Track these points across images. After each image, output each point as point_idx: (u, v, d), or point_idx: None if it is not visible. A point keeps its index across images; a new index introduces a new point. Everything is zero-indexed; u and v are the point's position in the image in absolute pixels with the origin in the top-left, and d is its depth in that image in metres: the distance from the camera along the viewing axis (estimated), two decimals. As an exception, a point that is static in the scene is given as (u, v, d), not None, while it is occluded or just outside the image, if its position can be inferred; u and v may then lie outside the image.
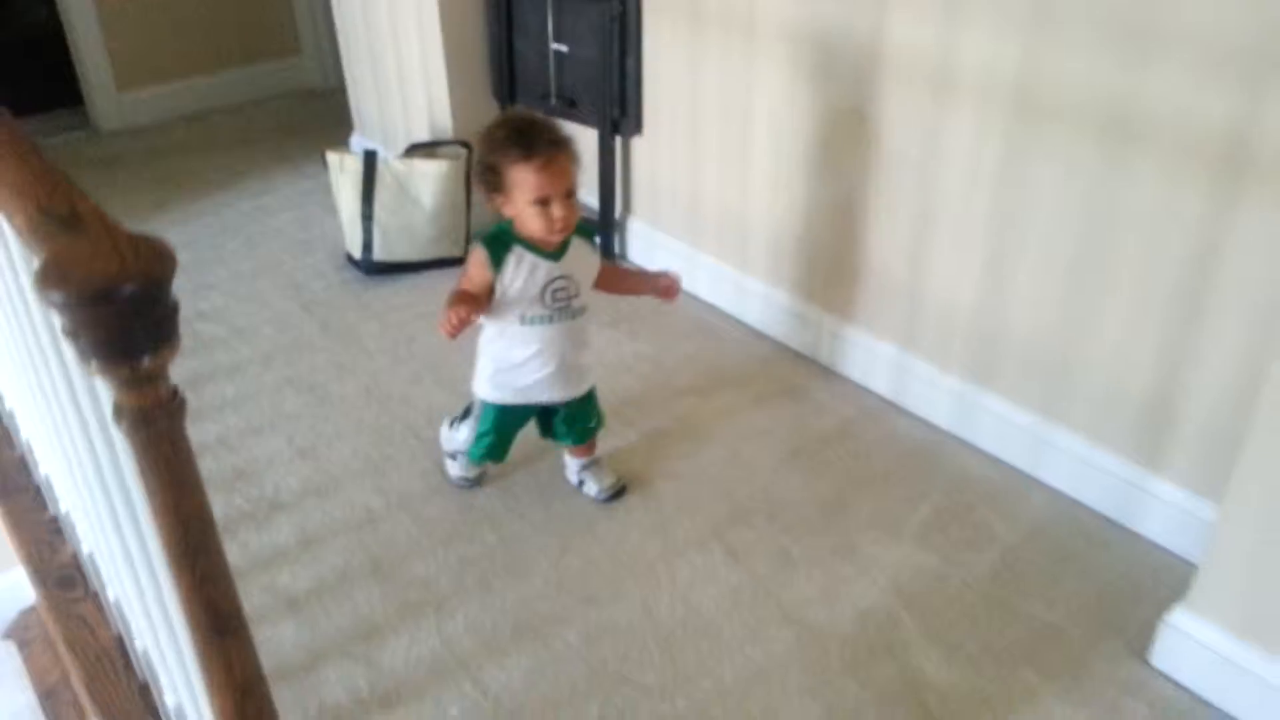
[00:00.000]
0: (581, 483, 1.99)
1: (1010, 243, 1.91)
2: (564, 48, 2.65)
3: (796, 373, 2.36)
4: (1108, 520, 1.90)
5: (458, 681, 1.60)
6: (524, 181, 1.61)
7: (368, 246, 2.73)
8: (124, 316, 0.68)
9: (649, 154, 2.70)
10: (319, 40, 4.08)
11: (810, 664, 1.62)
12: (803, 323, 2.41)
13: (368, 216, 2.70)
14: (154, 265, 0.70)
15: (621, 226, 2.86)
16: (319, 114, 3.84)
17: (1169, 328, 1.72)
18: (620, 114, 2.64)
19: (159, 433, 0.74)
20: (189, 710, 1.16)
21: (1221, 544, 1.52)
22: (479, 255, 1.68)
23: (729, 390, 2.30)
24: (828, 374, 2.35)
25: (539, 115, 1.70)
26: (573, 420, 1.89)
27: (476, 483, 2.00)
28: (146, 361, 0.71)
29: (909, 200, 2.07)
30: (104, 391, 0.86)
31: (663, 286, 1.90)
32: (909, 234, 2.09)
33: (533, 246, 1.68)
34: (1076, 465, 1.93)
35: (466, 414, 1.92)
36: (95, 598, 1.63)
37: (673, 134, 2.59)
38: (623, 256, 2.88)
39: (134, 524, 1.01)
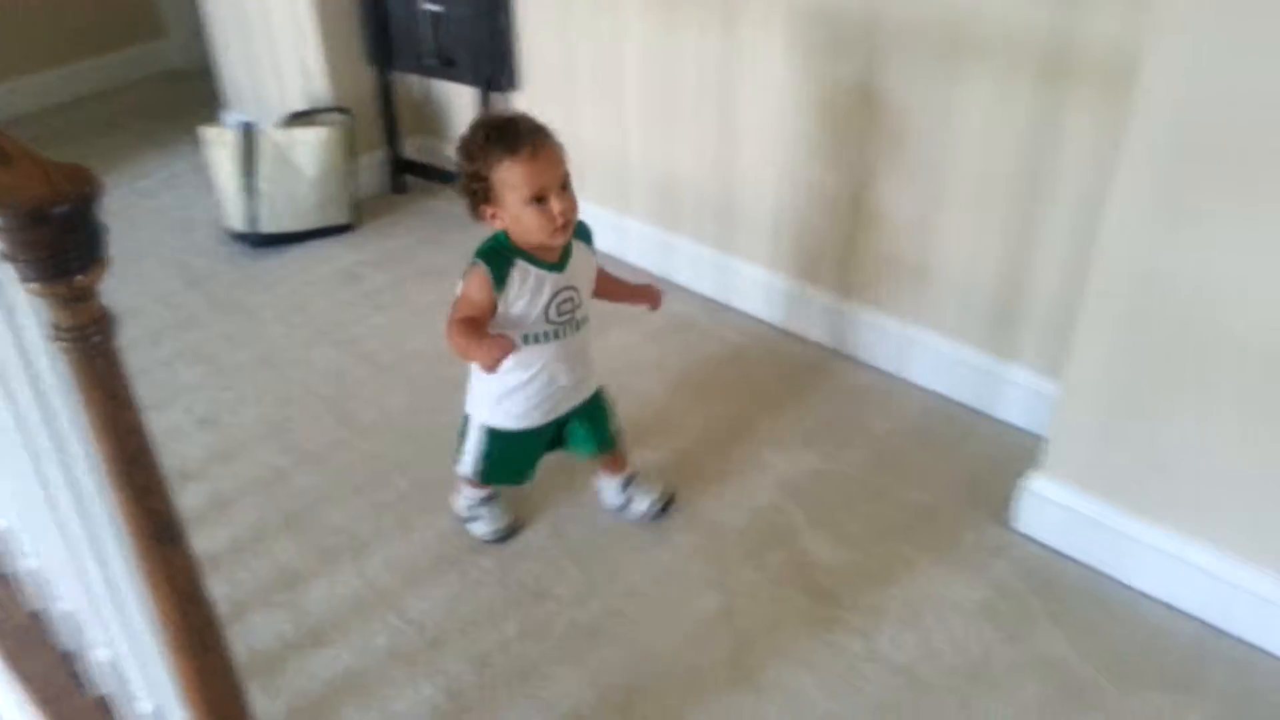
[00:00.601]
0: (628, 502, 1.83)
1: (859, 161, 2.06)
2: (437, 7, 2.68)
3: (689, 307, 2.48)
4: (970, 409, 2.08)
5: (381, 615, 1.68)
6: (515, 179, 1.46)
7: (253, 219, 2.74)
8: (58, 236, 0.76)
9: (528, 107, 2.77)
10: (184, 21, 4.00)
11: (711, 559, 1.76)
12: (692, 261, 2.53)
13: (250, 189, 2.71)
14: (81, 187, 0.77)
15: (504, 181, 2.92)
16: (187, 95, 3.78)
17: (1009, 226, 1.89)
18: (497, 70, 2.70)
19: (95, 347, 0.81)
20: (126, 658, 1.21)
21: (1065, 413, 1.69)
22: (480, 274, 1.51)
23: (619, 328, 2.41)
24: (714, 305, 2.48)
25: (511, 111, 1.57)
26: (590, 422, 1.74)
27: (511, 531, 1.81)
28: (80, 279, 0.78)
29: (787, 125, 2.19)
30: (33, 321, 0.91)
31: (651, 296, 1.77)
32: (783, 158, 2.22)
33: (534, 258, 1.53)
34: (940, 362, 2.10)
35: (462, 438, 1.72)
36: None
37: (550, 86, 2.66)
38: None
39: (63, 467, 1.03)
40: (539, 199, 1.47)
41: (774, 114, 2.17)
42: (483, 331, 1.49)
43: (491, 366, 1.45)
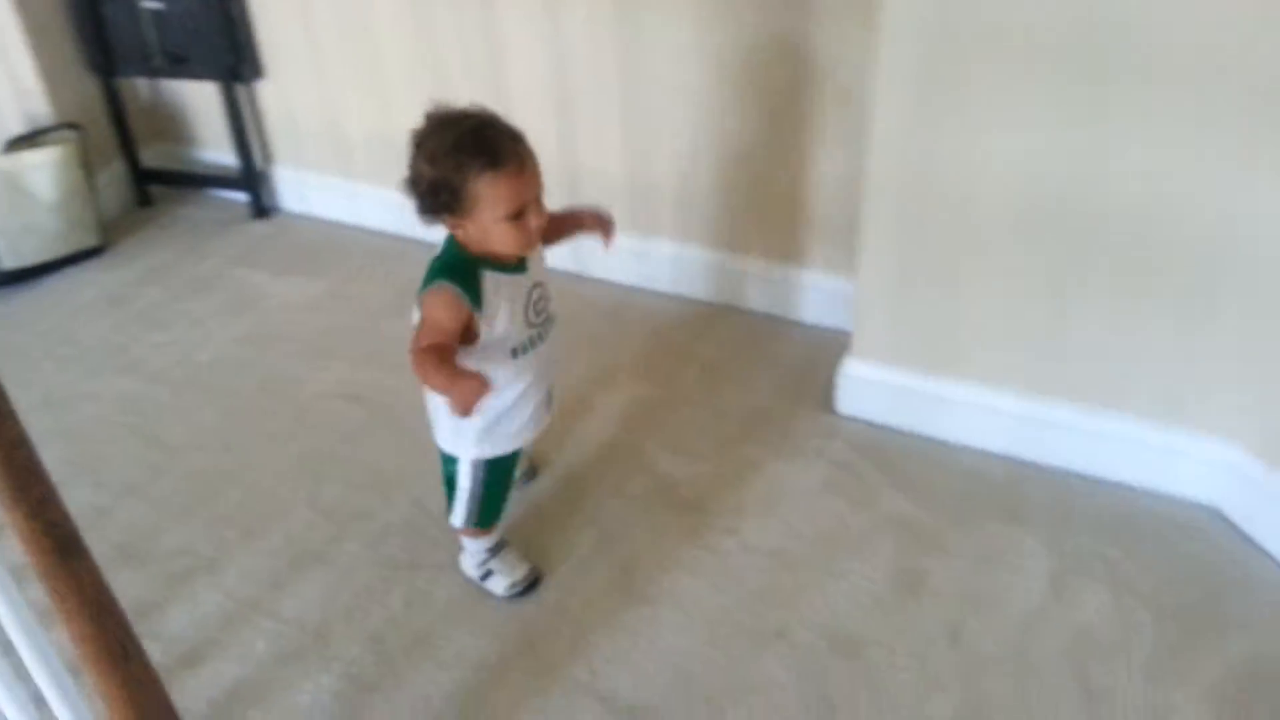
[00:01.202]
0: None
1: (623, 99, 2.15)
2: (157, 4, 2.51)
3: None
4: (777, 318, 2.23)
5: (255, 622, 1.61)
6: (495, 195, 1.31)
7: (-9, 257, 2.48)
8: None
9: (278, 95, 2.66)
10: None
11: (576, 496, 1.81)
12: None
13: (-19, 225, 2.45)
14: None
15: (267, 177, 2.80)
16: None
17: (784, 137, 2.04)
18: (237, 60, 2.57)
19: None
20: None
21: (864, 300, 1.86)
22: (448, 296, 1.34)
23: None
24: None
25: (484, 110, 1.36)
26: None
27: (532, 579, 1.64)
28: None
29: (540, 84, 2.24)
30: None
31: (604, 223, 1.59)
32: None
33: (497, 264, 1.39)
34: (743, 279, 2.24)
35: (451, 485, 1.56)
36: None
37: (299, 68, 2.57)
38: (276, 209, 2.83)
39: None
40: (518, 215, 1.33)
41: (522, 75, 2.22)
42: (453, 362, 1.32)
43: (466, 411, 1.31)
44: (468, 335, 1.37)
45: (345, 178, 2.68)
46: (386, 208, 2.64)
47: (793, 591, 1.61)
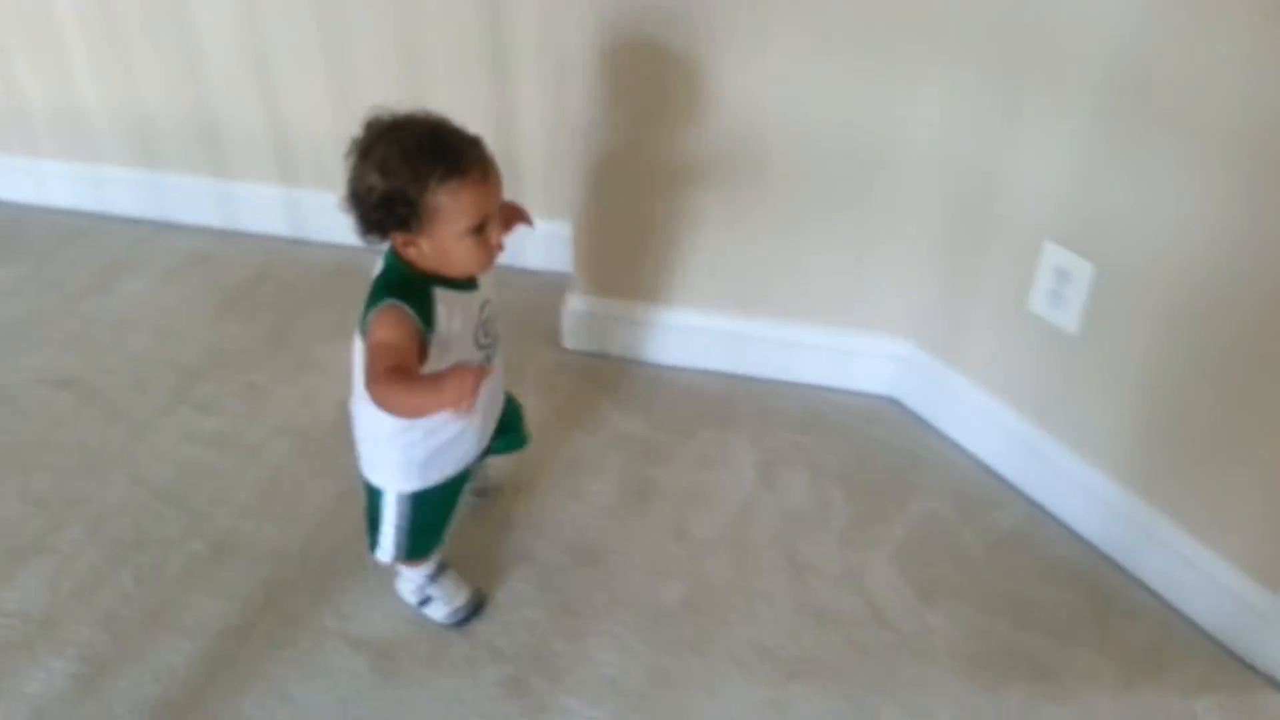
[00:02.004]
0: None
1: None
2: None
3: (195, 239, 2.40)
4: (504, 268, 2.27)
5: (-35, 623, 1.51)
6: (458, 207, 1.17)
7: None
8: None
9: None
10: None
11: (313, 457, 1.80)
12: (187, 194, 2.42)
13: None
14: None
15: (-69, 158, 2.54)
16: None
17: (486, 88, 2.10)
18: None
19: None
20: None
21: (579, 240, 1.97)
22: (399, 315, 1.19)
23: (127, 275, 2.28)
24: (228, 234, 2.42)
25: (432, 114, 1.22)
26: (506, 427, 1.54)
27: (477, 603, 1.52)
28: None
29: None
30: None
31: (523, 214, 1.46)
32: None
33: (449, 282, 1.25)
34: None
35: (375, 519, 1.41)
36: None
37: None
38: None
39: None
40: (480, 229, 1.21)
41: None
42: (420, 376, 1.16)
43: (470, 405, 1.08)
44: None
45: (29, 156, 2.48)
46: (76, 183, 2.47)
47: (538, 515, 1.70)
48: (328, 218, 2.39)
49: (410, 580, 1.50)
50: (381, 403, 1.15)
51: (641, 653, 1.48)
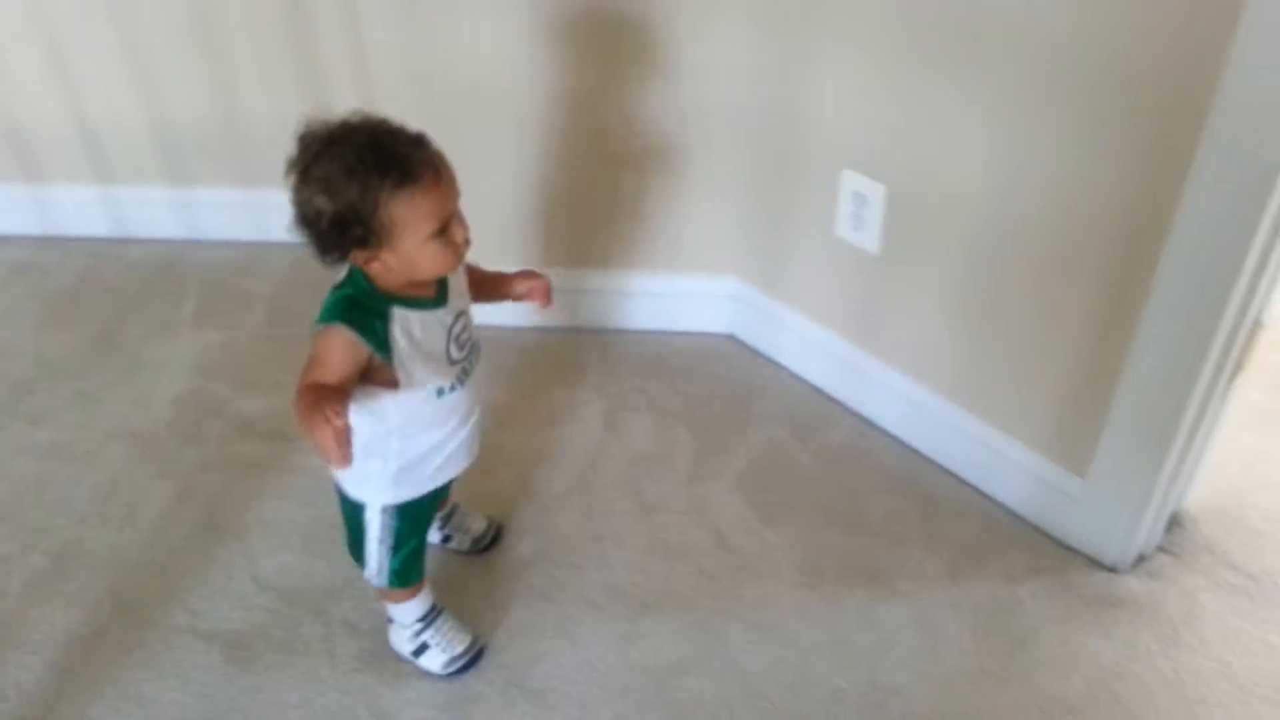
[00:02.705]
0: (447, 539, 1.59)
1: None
2: None
3: (13, 249, 2.30)
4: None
5: None
6: (416, 215, 1.11)
7: None
8: None
9: None
10: None
11: (153, 457, 1.77)
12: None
13: None
14: None
15: None
16: None
17: (279, 67, 2.06)
18: None
19: None
20: None
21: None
22: (343, 340, 1.13)
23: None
24: (48, 240, 2.33)
25: (369, 117, 1.14)
26: None
27: (475, 651, 1.45)
28: None
29: (28, 39, 2.08)
30: None
31: (532, 288, 1.41)
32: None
33: (409, 300, 1.18)
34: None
35: (358, 537, 1.35)
36: None
37: None
38: None
39: None
40: (443, 230, 1.14)
41: (23, 22, 2.06)
42: (323, 405, 1.06)
43: (334, 460, 1.06)
44: (382, 378, 1.17)
45: None
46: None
47: (383, 489, 1.71)
48: (148, 213, 2.35)
49: (403, 627, 1.43)
50: (297, 413, 1.11)
51: (495, 608, 1.51)
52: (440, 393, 1.23)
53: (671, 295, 1.99)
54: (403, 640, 1.44)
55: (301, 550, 1.60)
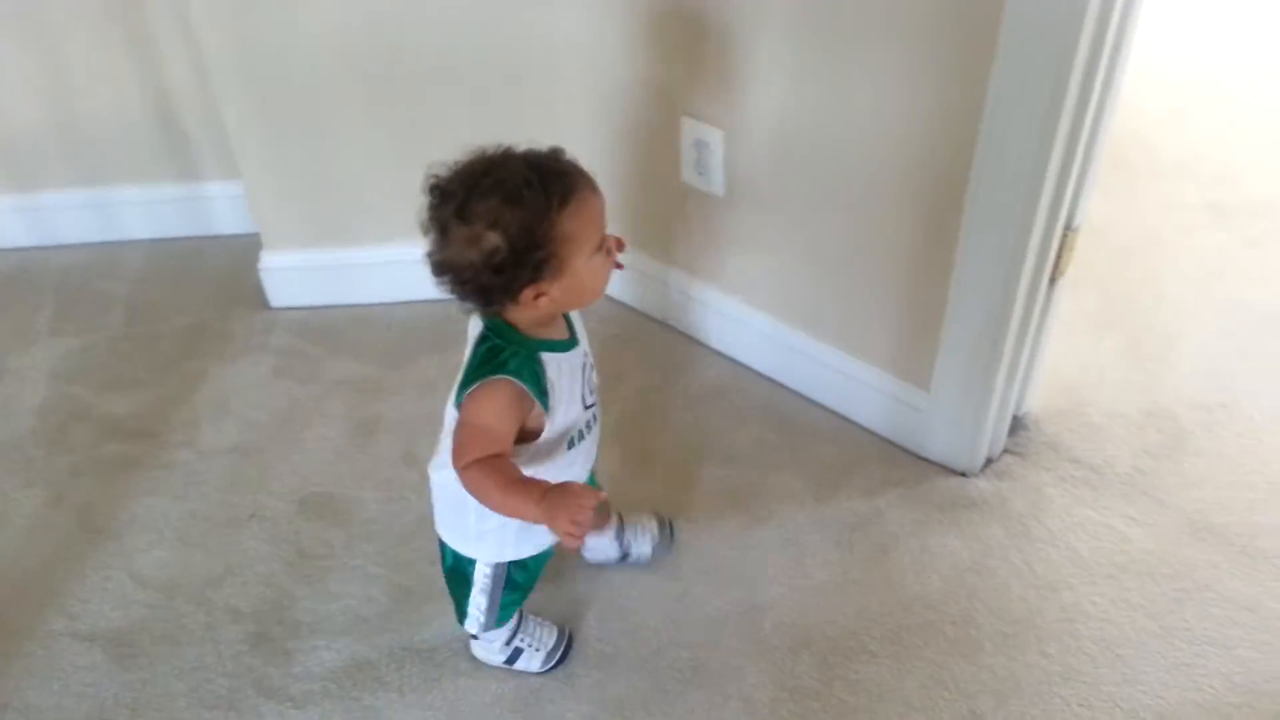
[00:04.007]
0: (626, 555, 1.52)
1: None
2: None
3: None
4: (195, 237, 2.22)
5: None
6: (585, 226, 1.06)
7: None
8: None
9: None
10: None
11: (19, 467, 1.74)
12: None
13: None
14: None
15: None
16: None
17: (120, 58, 2.01)
18: None
19: None
20: None
21: (252, 195, 1.94)
22: (511, 393, 1.07)
23: None
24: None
25: (495, 148, 1.08)
26: None
27: (566, 641, 1.42)
28: None
29: None
30: None
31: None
32: None
33: (551, 343, 1.13)
34: (144, 210, 2.21)
35: (463, 588, 1.30)
36: None
37: None
38: None
39: None
40: (602, 242, 1.09)
41: None
42: (524, 479, 1.06)
43: (582, 536, 1.02)
44: (522, 435, 1.11)
45: None
46: None
47: (259, 475, 1.71)
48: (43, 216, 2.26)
49: (493, 641, 1.38)
50: (471, 492, 1.08)
51: (382, 578, 1.54)
52: (571, 443, 1.18)
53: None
54: (492, 653, 1.39)
55: (177, 543, 1.60)
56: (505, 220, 1.02)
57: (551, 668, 1.40)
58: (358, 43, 1.74)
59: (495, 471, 1.05)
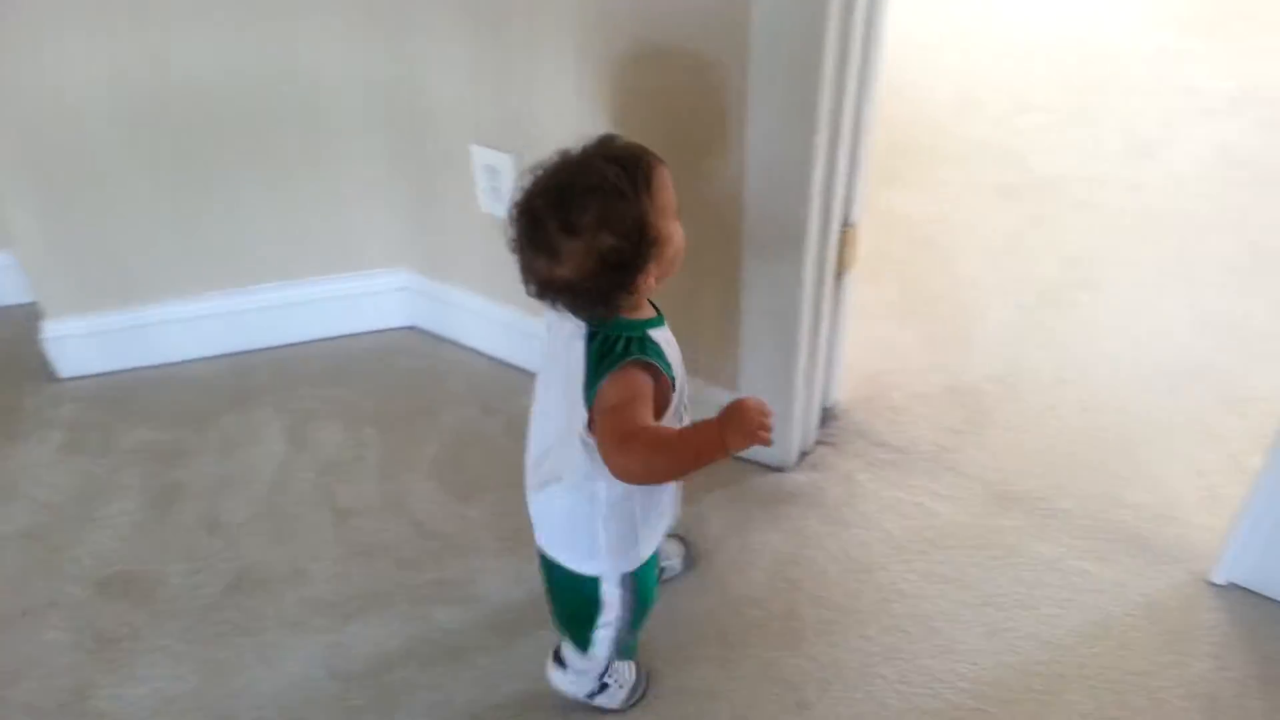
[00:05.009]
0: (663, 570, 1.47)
1: None
2: None
3: None
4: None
5: None
6: (668, 199, 1.06)
7: None
8: None
9: None
10: None
11: None
12: None
13: None
14: None
15: None
16: None
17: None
18: None
19: None
20: None
21: (28, 260, 1.82)
22: (644, 374, 1.06)
23: None
24: None
25: (561, 152, 1.06)
26: None
27: (645, 684, 1.39)
28: None
29: None
30: None
31: None
32: None
33: (651, 321, 1.12)
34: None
35: (589, 618, 1.25)
36: None
37: None
38: None
39: None
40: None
41: None
42: (681, 428, 1.10)
43: (768, 436, 1.03)
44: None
45: None
46: None
47: (52, 559, 1.59)
48: None
49: (586, 674, 1.34)
50: (638, 476, 1.07)
51: (190, 655, 1.45)
52: (680, 415, 1.16)
53: (343, 297, 1.96)
54: (583, 685, 1.35)
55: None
56: (613, 219, 1.01)
57: (631, 705, 1.37)
58: (119, 96, 1.66)
59: (659, 438, 1.04)
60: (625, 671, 1.37)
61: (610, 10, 1.40)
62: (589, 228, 1.00)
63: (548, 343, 1.17)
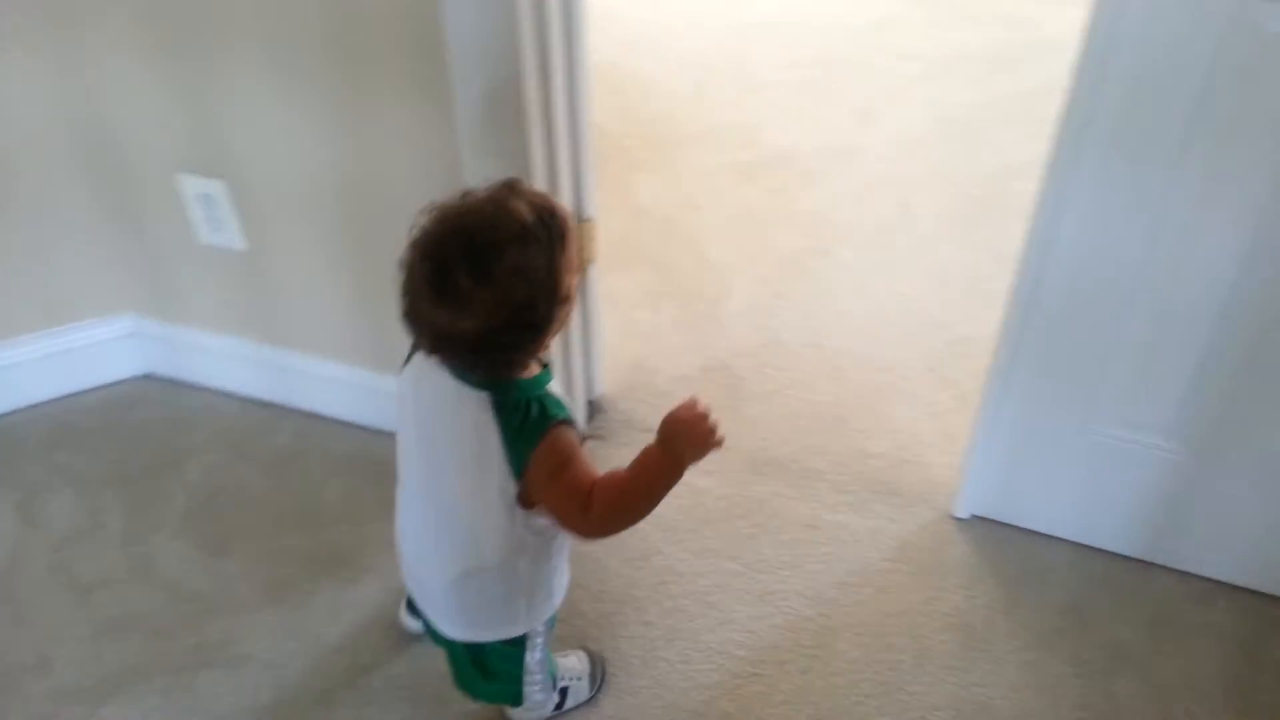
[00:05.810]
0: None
1: None
2: None
3: None
4: None
5: None
6: (574, 256, 1.00)
7: None
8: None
9: None
10: None
11: None
12: None
13: None
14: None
15: None
16: None
17: None
18: None
19: None
20: None
21: None
22: (571, 429, 1.04)
23: None
24: None
25: (462, 191, 0.99)
26: None
27: (600, 663, 1.38)
28: None
29: None
30: None
31: None
32: None
33: (545, 375, 1.07)
34: None
35: (517, 674, 1.23)
36: None
37: None
38: None
39: None
40: None
41: None
42: (632, 463, 1.04)
43: (718, 437, 1.03)
44: None
45: None
46: None
47: None
48: None
49: (538, 696, 1.27)
50: (610, 526, 1.07)
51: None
52: None
53: (62, 353, 1.80)
54: (545, 707, 1.31)
55: None
56: (529, 270, 0.94)
57: (599, 687, 1.37)
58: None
59: (615, 489, 1.03)
60: (569, 664, 1.35)
61: (298, 12, 1.34)
62: (503, 276, 0.93)
63: (412, 405, 1.09)
